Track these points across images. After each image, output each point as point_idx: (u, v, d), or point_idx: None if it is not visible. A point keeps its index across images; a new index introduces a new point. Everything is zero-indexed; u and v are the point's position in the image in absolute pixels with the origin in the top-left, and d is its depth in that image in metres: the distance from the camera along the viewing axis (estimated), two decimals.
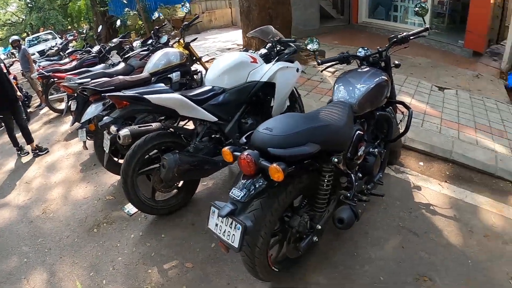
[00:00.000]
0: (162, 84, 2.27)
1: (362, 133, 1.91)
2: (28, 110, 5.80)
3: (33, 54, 10.23)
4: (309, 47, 2.28)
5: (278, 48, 2.71)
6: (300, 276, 1.96)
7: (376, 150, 2.12)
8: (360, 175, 2.05)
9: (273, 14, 4.48)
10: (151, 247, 2.32)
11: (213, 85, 2.39)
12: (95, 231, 2.61)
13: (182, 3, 3.71)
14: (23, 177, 3.69)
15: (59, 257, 2.43)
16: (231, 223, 1.40)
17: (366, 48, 2.39)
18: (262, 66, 2.55)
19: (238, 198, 1.39)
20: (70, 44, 7.12)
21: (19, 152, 4.10)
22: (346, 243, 2.17)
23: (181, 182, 2.49)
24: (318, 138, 1.49)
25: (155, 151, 2.37)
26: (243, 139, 1.53)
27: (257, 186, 1.41)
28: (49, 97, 4.86)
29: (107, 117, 2.30)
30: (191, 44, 3.47)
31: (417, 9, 2.24)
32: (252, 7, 4.44)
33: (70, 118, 3.72)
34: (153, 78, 3.01)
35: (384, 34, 6.75)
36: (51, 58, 5.89)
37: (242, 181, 1.45)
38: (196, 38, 3.48)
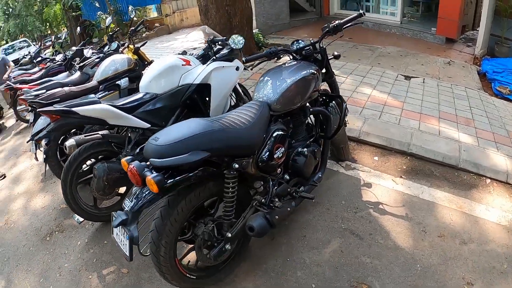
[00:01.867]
0: (93, 95, 2.29)
1: (283, 133, 1.84)
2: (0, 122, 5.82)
3: None
4: (232, 46, 2.22)
5: (216, 48, 2.67)
6: (229, 281, 1.94)
7: (306, 149, 2.04)
8: (288, 177, 1.98)
9: (231, 11, 4.43)
10: (94, 253, 2.37)
11: (146, 91, 2.38)
12: (48, 239, 2.66)
13: (134, 9, 3.64)
14: None
15: (15, 266, 2.50)
16: (123, 233, 1.41)
17: (302, 41, 2.28)
18: (196, 68, 2.52)
19: (128, 209, 1.40)
20: (48, 50, 7.03)
21: None
22: (281, 247, 2.13)
23: (124, 189, 2.50)
24: (206, 145, 1.44)
25: (93, 160, 2.38)
26: (137, 150, 1.51)
27: (144, 195, 1.40)
28: (18, 108, 4.86)
29: (43, 132, 2.35)
30: (141, 48, 3.44)
31: None
32: (209, 6, 4.40)
33: None
34: (101, 86, 3.01)
35: (356, 25, 6.70)
36: (24, 67, 5.86)
37: (133, 190, 1.45)
38: (146, 42, 3.45)
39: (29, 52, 7.39)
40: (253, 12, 5.02)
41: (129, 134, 2.36)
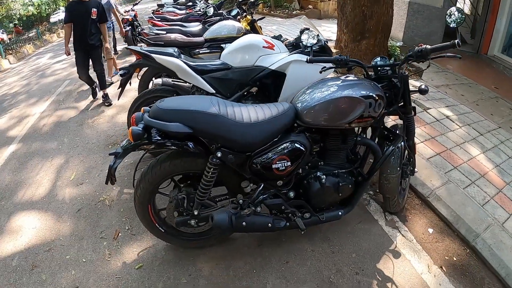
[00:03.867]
0: (175, 49, 2.50)
1: (298, 147, 1.65)
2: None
3: None
4: (302, 40, 1.99)
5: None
6: (189, 255, 1.97)
7: (327, 177, 1.77)
8: (292, 195, 1.80)
9: (367, 12, 4.06)
10: (131, 174, 2.68)
11: (223, 61, 2.50)
12: (109, 147, 3.22)
13: None
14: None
15: (77, 154, 3.17)
16: (112, 161, 1.58)
17: (385, 58, 1.94)
18: (278, 54, 2.49)
19: (121, 145, 1.57)
20: None
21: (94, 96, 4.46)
22: (258, 257, 2.00)
23: None
24: (192, 123, 1.46)
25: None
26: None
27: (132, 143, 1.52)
28: None
29: (126, 64, 2.75)
30: (257, 21, 3.54)
31: (449, 17, 1.66)
32: (346, 1, 4.16)
33: None
34: (206, 44, 3.29)
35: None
36: (178, 7, 6.73)
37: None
38: (264, 17, 3.48)
39: None
40: (403, 23, 4.49)
41: (194, 91, 2.55)
